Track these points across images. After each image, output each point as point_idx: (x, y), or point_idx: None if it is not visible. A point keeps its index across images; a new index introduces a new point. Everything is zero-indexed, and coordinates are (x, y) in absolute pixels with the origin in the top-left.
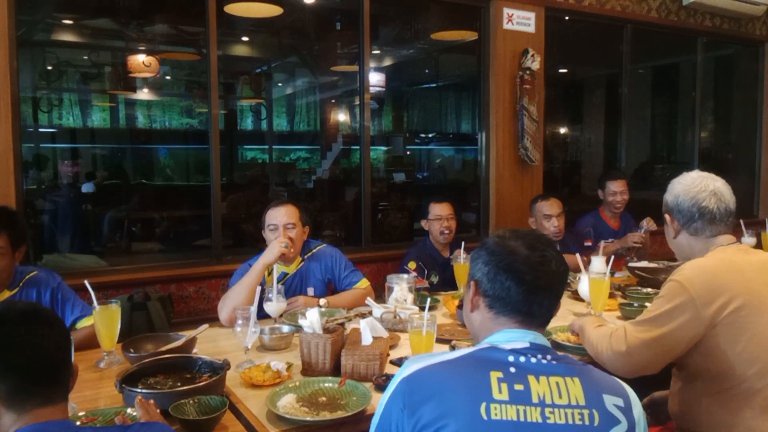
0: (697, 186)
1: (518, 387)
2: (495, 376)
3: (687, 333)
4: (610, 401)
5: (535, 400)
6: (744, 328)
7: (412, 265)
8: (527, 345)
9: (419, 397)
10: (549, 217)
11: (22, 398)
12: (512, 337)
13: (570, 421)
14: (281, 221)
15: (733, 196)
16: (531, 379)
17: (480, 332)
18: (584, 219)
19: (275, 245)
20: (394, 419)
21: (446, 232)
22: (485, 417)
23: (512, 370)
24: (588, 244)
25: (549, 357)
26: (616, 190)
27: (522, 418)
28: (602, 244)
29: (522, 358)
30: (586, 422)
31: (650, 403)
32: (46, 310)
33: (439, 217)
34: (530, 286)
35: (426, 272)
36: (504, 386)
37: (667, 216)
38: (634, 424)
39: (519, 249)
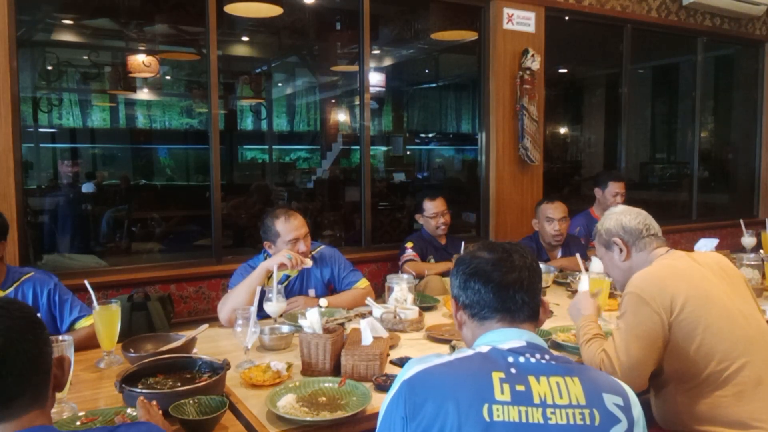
0: (632, 211)
1: (519, 388)
2: (497, 376)
3: (657, 338)
4: (610, 400)
5: (536, 400)
6: (696, 323)
7: (409, 244)
8: (524, 344)
9: (420, 399)
10: (551, 221)
11: None
12: (508, 336)
13: (571, 421)
14: (301, 234)
15: None
16: (531, 379)
17: (472, 344)
18: (575, 220)
19: (283, 256)
20: (395, 426)
21: (443, 227)
22: (487, 419)
23: (513, 370)
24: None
25: (547, 357)
26: (618, 191)
27: (524, 420)
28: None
29: (521, 359)
30: (587, 422)
31: None
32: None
33: (435, 214)
34: (498, 283)
35: (424, 254)
36: (506, 387)
37: (617, 239)
38: (633, 423)
39: (482, 254)
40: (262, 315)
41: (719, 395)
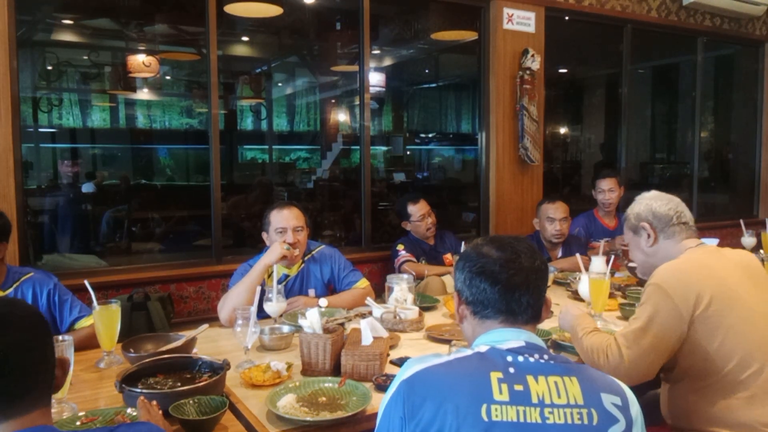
0: (664, 197)
1: (518, 387)
2: (495, 376)
3: (674, 333)
4: (608, 400)
5: (534, 400)
6: (719, 322)
7: (400, 246)
8: (523, 344)
9: (419, 399)
10: (552, 221)
11: None
12: (507, 337)
13: (569, 421)
14: (290, 224)
15: None
16: (530, 379)
17: (472, 340)
18: (576, 220)
19: (277, 247)
20: (394, 426)
21: (431, 227)
22: (486, 418)
23: (511, 370)
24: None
25: (546, 356)
26: (604, 188)
27: (522, 419)
28: (601, 243)
29: (520, 358)
30: (585, 421)
31: (645, 404)
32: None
33: (422, 216)
34: (505, 285)
35: (415, 257)
36: (504, 387)
37: (645, 224)
38: (631, 423)
39: (490, 252)
40: (262, 315)
41: (732, 397)
